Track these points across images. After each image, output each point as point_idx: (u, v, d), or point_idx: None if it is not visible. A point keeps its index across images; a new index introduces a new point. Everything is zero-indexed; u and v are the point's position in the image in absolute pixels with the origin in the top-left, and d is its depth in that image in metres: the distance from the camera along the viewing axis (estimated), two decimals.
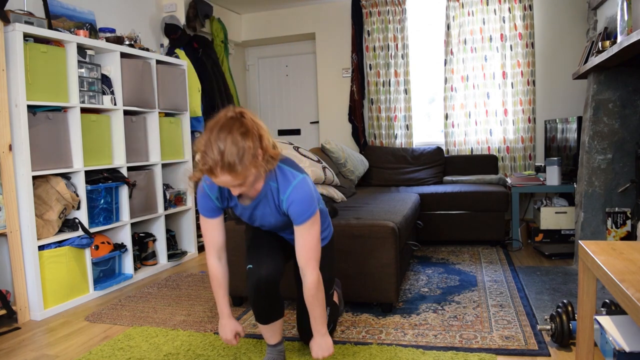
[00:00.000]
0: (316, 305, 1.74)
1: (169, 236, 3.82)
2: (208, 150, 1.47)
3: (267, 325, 1.87)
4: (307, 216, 1.67)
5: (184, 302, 2.82)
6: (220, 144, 1.46)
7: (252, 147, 1.49)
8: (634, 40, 2.19)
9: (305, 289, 1.72)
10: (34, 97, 2.67)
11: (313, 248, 1.71)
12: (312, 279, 1.70)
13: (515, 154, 4.60)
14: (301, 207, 1.66)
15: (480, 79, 4.64)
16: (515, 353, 2.00)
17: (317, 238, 1.72)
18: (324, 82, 5.31)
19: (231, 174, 1.48)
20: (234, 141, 1.46)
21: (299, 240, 1.70)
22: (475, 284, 2.93)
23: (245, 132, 1.49)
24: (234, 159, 1.46)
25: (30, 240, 2.63)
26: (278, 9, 5.39)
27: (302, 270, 1.73)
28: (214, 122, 1.53)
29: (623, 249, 1.52)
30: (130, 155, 3.36)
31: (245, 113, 1.55)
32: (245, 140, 1.48)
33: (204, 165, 1.49)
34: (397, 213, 2.82)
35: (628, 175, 3.05)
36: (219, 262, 1.82)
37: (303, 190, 1.67)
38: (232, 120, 1.51)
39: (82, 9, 3.46)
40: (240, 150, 1.47)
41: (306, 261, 1.70)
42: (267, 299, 1.80)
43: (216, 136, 1.47)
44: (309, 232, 1.69)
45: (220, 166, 1.47)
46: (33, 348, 2.26)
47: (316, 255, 1.72)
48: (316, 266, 1.72)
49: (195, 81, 4.20)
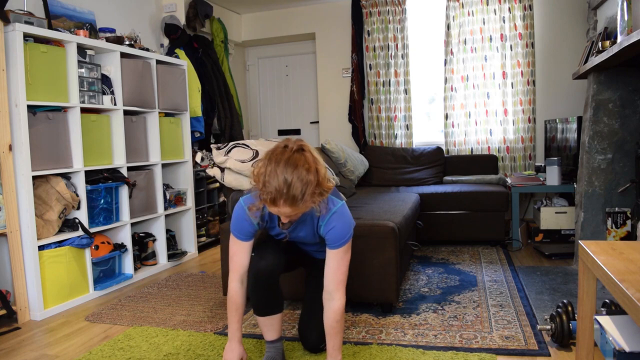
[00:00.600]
0: (338, 330, 1.77)
1: (169, 236, 3.82)
2: (273, 181, 1.54)
3: (265, 319, 1.90)
4: (343, 242, 1.75)
5: (184, 302, 2.82)
6: (288, 177, 1.54)
7: (313, 181, 1.57)
8: (634, 40, 2.19)
9: (332, 312, 1.76)
10: (34, 97, 2.67)
11: (344, 272, 1.77)
12: (340, 304, 1.75)
13: (515, 154, 4.60)
14: (339, 233, 1.73)
15: (480, 79, 4.64)
16: (515, 353, 2.00)
17: (348, 263, 1.78)
18: (324, 82, 5.31)
19: (292, 207, 1.57)
20: (300, 177, 1.55)
21: (332, 264, 1.76)
22: (475, 284, 2.93)
23: (309, 167, 1.57)
24: (298, 194, 1.55)
25: (30, 240, 2.63)
26: (278, 9, 5.39)
27: (330, 294, 1.77)
28: (278, 154, 1.59)
29: (623, 249, 1.52)
30: (130, 155, 3.36)
31: (305, 146, 1.64)
32: (308, 176, 1.56)
33: (267, 195, 1.56)
34: (397, 213, 2.82)
35: (628, 175, 3.05)
36: (241, 286, 1.85)
37: (342, 217, 1.75)
38: (298, 154, 1.59)
39: (82, 9, 3.46)
40: (304, 186, 1.55)
41: (336, 285, 1.76)
42: (266, 289, 1.85)
43: (283, 169, 1.55)
44: (342, 257, 1.76)
45: (285, 199, 1.54)
46: (33, 348, 2.26)
47: (345, 280, 1.78)
48: (344, 292, 1.77)
49: (195, 81, 4.20)
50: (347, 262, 1.78)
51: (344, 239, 1.75)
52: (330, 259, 1.76)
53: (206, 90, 4.53)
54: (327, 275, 1.77)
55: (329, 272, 1.76)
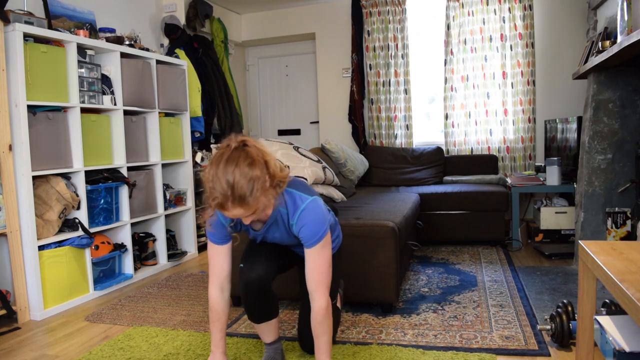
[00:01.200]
0: (322, 332, 1.66)
1: (169, 236, 3.82)
2: (216, 185, 1.45)
3: (261, 325, 1.88)
4: (316, 239, 1.64)
5: (184, 302, 2.82)
6: (229, 178, 1.43)
7: (260, 176, 1.47)
8: (634, 40, 2.19)
9: (313, 313, 1.66)
10: (34, 97, 2.67)
11: (324, 272, 1.66)
12: (320, 305, 1.65)
13: (515, 154, 4.60)
14: (311, 231, 1.63)
15: (480, 79, 4.64)
16: (515, 353, 2.00)
17: (328, 261, 1.67)
18: (324, 82, 5.31)
19: (243, 207, 1.47)
20: (242, 173, 1.44)
21: (309, 263, 1.66)
22: (475, 284, 2.93)
23: (251, 162, 1.47)
24: (244, 192, 1.44)
25: (30, 240, 2.63)
26: (278, 9, 5.39)
27: (310, 295, 1.67)
28: (218, 155, 1.49)
29: (623, 249, 1.52)
30: (130, 155, 3.36)
31: (248, 141, 1.53)
32: (252, 170, 1.45)
33: (214, 201, 1.46)
34: (397, 213, 2.82)
35: (628, 175, 3.05)
36: (221, 294, 1.75)
37: (313, 213, 1.64)
38: (237, 151, 1.48)
39: (82, 9, 3.46)
40: (249, 181, 1.44)
41: (315, 285, 1.65)
42: (258, 300, 1.80)
43: (223, 170, 1.44)
44: (319, 255, 1.65)
45: (232, 200, 1.44)
46: (33, 348, 2.26)
47: (326, 280, 1.67)
48: (325, 291, 1.66)
49: (195, 81, 4.20)
50: (325, 260, 1.66)
51: (317, 236, 1.64)
52: (307, 258, 1.67)
53: (206, 90, 4.53)
54: (307, 275, 1.67)
55: (308, 272, 1.67)
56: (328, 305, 1.66)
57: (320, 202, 1.70)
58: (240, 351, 2.12)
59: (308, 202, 1.66)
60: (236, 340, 2.23)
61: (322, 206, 1.69)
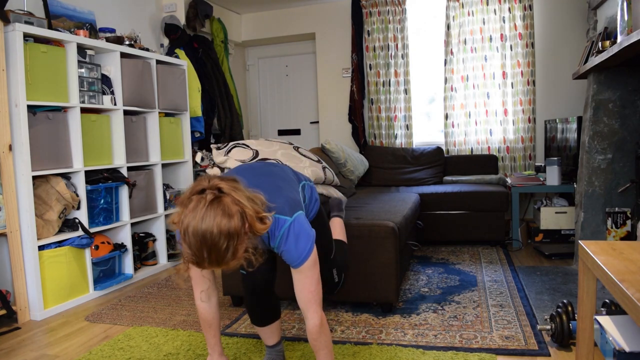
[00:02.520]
0: (320, 347, 1.62)
1: (169, 236, 3.81)
2: (192, 247, 1.32)
3: (264, 328, 1.88)
4: (301, 260, 1.54)
5: (184, 302, 2.82)
6: (206, 239, 1.30)
7: (238, 231, 1.34)
8: (634, 40, 2.19)
9: (308, 332, 1.61)
10: (34, 97, 2.67)
11: (313, 291, 1.58)
12: (313, 323, 1.58)
13: (515, 154, 4.60)
14: (294, 254, 1.54)
15: (480, 79, 4.64)
16: (515, 353, 2.00)
17: (316, 281, 1.59)
18: (324, 82, 5.31)
19: (221, 266, 1.37)
20: (219, 234, 1.30)
21: (298, 284, 1.58)
22: (475, 284, 2.93)
23: (229, 218, 1.32)
24: (221, 253, 1.32)
25: (30, 240, 2.63)
26: (278, 9, 5.39)
27: (303, 313, 1.61)
28: (193, 205, 1.34)
29: (623, 249, 1.52)
30: (130, 155, 3.36)
31: (223, 188, 1.37)
32: (230, 228, 1.32)
33: (191, 258, 1.34)
34: (397, 213, 2.82)
35: (628, 175, 3.05)
36: (208, 302, 1.69)
37: (293, 237, 1.53)
38: (212, 204, 1.33)
39: (82, 9, 3.46)
40: (226, 241, 1.32)
41: (306, 305, 1.58)
42: (262, 304, 1.80)
43: (198, 229, 1.30)
44: (306, 275, 1.56)
45: (209, 262, 1.34)
46: (33, 348, 2.26)
47: (317, 298, 1.59)
48: (317, 309, 1.59)
49: (195, 81, 4.20)
50: (314, 280, 1.57)
51: (302, 257, 1.54)
52: (295, 278, 1.59)
53: (206, 90, 4.53)
54: (297, 295, 1.59)
55: (297, 291, 1.58)
56: (321, 323, 1.60)
57: (301, 219, 1.58)
58: (240, 351, 2.12)
59: (287, 225, 1.54)
60: (236, 340, 2.23)
61: (304, 223, 1.58)
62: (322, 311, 1.62)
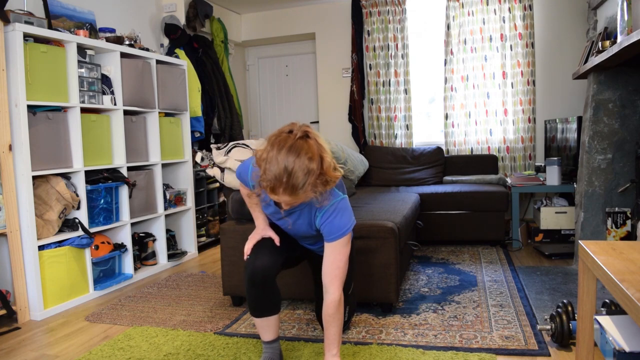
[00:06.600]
0: (332, 324, 1.73)
1: (169, 236, 3.82)
2: (273, 169, 1.48)
3: (262, 320, 1.87)
4: (339, 234, 1.70)
5: (184, 302, 2.82)
6: (288, 166, 1.48)
7: (315, 172, 1.51)
8: (634, 40, 2.19)
9: (325, 306, 1.72)
10: (34, 97, 2.67)
11: (341, 267, 1.72)
12: (333, 297, 1.71)
13: (515, 154, 4.60)
14: (335, 225, 1.69)
15: (480, 79, 4.64)
16: (515, 353, 2.00)
17: (346, 258, 1.73)
18: (324, 82, 5.31)
19: (291, 196, 1.52)
20: (301, 166, 1.48)
21: (328, 257, 1.72)
22: (475, 284, 2.93)
23: (312, 156, 1.51)
24: (298, 183, 1.49)
25: (30, 240, 2.63)
26: (278, 9, 5.39)
27: (325, 287, 1.73)
28: (281, 140, 1.52)
29: (623, 249, 1.52)
30: (130, 155, 3.36)
31: (310, 133, 1.57)
32: (310, 165, 1.50)
33: (267, 183, 1.50)
34: (397, 213, 2.82)
35: (628, 175, 3.05)
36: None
37: (341, 210, 1.70)
38: (300, 141, 1.52)
39: (82, 9, 3.46)
40: (305, 175, 1.49)
41: (331, 279, 1.71)
42: (261, 291, 1.81)
43: (284, 157, 1.48)
44: (339, 250, 1.71)
45: (284, 188, 1.49)
46: (33, 348, 2.26)
47: (342, 275, 1.72)
48: (340, 285, 1.72)
49: (195, 81, 4.20)
50: (344, 257, 1.72)
51: (340, 232, 1.70)
52: (326, 252, 1.73)
53: (206, 90, 4.53)
54: (323, 268, 1.73)
55: (325, 265, 1.72)
56: (340, 299, 1.72)
57: (348, 202, 1.76)
58: (240, 351, 2.12)
59: (340, 198, 1.72)
60: (236, 340, 2.23)
61: (349, 206, 1.76)
62: (342, 291, 1.74)
